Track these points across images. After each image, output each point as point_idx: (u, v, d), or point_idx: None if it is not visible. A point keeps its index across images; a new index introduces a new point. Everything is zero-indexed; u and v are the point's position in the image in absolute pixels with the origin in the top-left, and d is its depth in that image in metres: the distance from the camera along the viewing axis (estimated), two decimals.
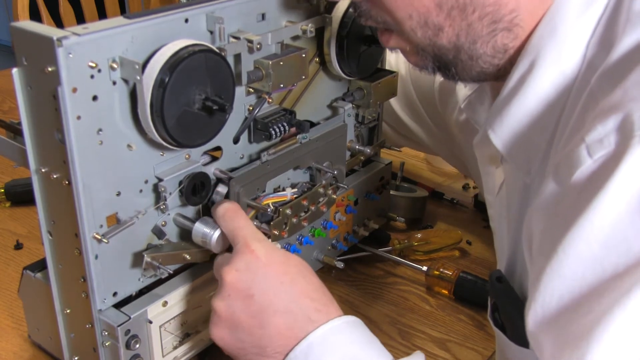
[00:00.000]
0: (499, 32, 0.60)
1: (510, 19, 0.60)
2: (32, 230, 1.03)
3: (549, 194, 0.52)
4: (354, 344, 0.61)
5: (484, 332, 0.85)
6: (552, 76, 0.58)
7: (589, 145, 0.49)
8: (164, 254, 0.68)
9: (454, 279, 0.90)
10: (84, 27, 0.58)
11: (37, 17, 1.88)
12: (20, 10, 1.82)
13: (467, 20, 0.60)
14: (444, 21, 0.60)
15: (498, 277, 0.68)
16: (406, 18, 0.61)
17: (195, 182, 0.69)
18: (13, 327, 0.84)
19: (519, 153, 0.62)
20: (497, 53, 0.62)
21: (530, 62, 0.59)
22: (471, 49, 0.61)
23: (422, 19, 0.60)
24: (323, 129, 0.83)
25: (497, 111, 0.62)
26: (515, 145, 0.62)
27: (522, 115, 0.60)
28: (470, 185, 1.19)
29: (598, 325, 0.44)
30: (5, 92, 1.51)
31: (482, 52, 0.62)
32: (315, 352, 0.60)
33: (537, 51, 0.58)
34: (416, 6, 0.60)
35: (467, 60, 0.62)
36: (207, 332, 0.76)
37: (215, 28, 0.67)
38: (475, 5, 0.59)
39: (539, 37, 0.59)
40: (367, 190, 0.95)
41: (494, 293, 0.69)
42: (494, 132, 0.63)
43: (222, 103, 0.64)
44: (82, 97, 0.58)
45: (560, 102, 0.58)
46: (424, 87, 1.00)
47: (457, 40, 0.61)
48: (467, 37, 0.61)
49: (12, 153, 0.67)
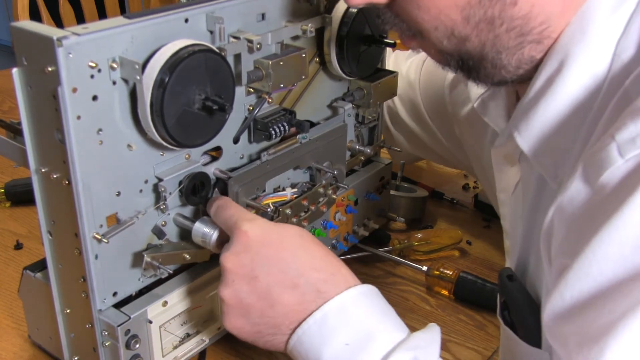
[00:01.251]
0: (527, 45, 0.59)
1: (539, 31, 0.58)
2: (32, 230, 1.03)
3: (575, 193, 0.51)
4: (369, 316, 0.60)
5: (484, 332, 0.85)
6: (582, 77, 0.57)
7: (620, 144, 0.48)
8: (164, 254, 0.68)
9: (454, 279, 0.90)
10: (84, 27, 0.58)
11: (37, 17, 1.87)
12: (20, 10, 1.82)
13: (495, 32, 0.58)
14: (470, 32, 0.59)
15: (509, 275, 0.68)
16: (432, 29, 0.60)
17: (195, 182, 0.69)
18: (13, 327, 0.84)
19: (546, 156, 0.61)
20: (523, 64, 0.61)
21: (559, 63, 0.58)
22: (495, 58, 0.60)
23: (449, 30, 0.59)
24: (323, 129, 0.83)
25: (523, 112, 0.61)
26: (542, 148, 0.61)
27: (550, 117, 0.59)
28: (470, 185, 1.19)
29: (620, 322, 0.45)
30: (5, 92, 1.51)
31: (507, 62, 0.60)
32: (330, 323, 0.59)
33: (566, 51, 0.57)
34: (443, 19, 0.59)
35: (490, 69, 0.61)
36: (207, 332, 0.76)
37: (215, 28, 0.67)
38: (503, 19, 0.58)
39: (569, 37, 0.57)
40: (367, 190, 0.95)
41: (505, 291, 0.68)
42: (519, 134, 0.62)
43: (222, 103, 0.64)
44: (82, 97, 0.58)
45: (590, 104, 0.57)
46: (431, 94, 1.00)
47: (483, 49, 0.60)
48: (493, 47, 0.60)
49: (12, 153, 0.67)
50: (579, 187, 0.51)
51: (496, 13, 0.57)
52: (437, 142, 1.04)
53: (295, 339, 0.60)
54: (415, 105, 1.03)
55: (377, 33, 0.84)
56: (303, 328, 0.60)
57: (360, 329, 0.59)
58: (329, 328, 0.59)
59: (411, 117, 1.05)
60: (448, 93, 0.97)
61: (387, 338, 0.59)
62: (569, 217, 0.52)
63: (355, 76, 0.87)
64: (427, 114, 1.03)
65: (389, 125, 1.09)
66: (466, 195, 1.16)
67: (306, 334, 0.59)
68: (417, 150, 1.09)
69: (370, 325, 0.59)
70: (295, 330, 0.60)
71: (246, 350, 0.81)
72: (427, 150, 1.08)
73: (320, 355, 0.58)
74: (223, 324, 0.64)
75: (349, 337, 0.58)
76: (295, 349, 0.60)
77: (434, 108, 1.01)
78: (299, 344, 0.60)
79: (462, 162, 1.03)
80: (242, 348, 0.81)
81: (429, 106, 1.02)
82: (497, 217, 1.09)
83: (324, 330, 0.59)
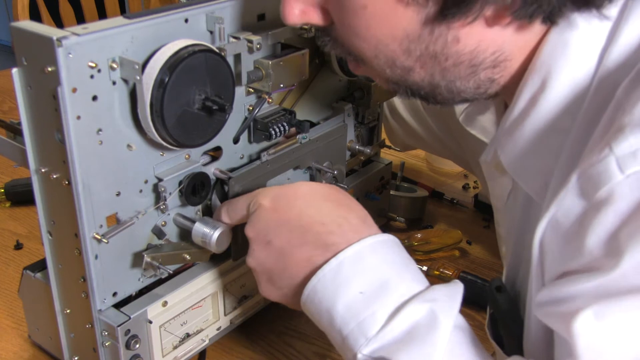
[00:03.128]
0: (481, 71, 0.57)
1: (493, 59, 0.56)
2: (32, 230, 1.03)
3: (572, 206, 0.49)
4: (387, 265, 0.59)
5: (484, 332, 0.85)
6: (567, 91, 0.54)
7: (619, 158, 0.46)
8: (164, 254, 0.68)
9: (454, 279, 0.90)
10: (84, 27, 0.58)
11: (37, 17, 1.87)
12: (20, 10, 1.82)
13: (441, 65, 0.56)
14: (413, 64, 0.57)
15: (498, 287, 0.67)
16: (372, 57, 0.58)
17: (195, 182, 0.69)
18: (13, 327, 0.84)
19: (529, 175, 0.59)
20: (482, 85, 0.58)
21: (541, 80, 0.55)
22: (450, 86, 0.58)
23: (390, 60, 0.57)
24: (323, 129, 0.83)
25: (508, 132, 0.59)
26: (525, 167, 0.59)
27: (533, 136, 0.57)
28: (470, 185, 1.19)
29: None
30: (5, 92, 1.51)
31: (464, 88, 0.58)
32: (345, 271, 0.59)
33: (548, 67, 0.55)
34: (382, 49, 0.57)
35: (446, 94, 0.59)
36: (207, 332, 0.76)
37: (215, 28, 0.66)
38: (447, 55, 0.55)
39: (550, 53, 0.55)
40: (367, 190, 0.94)
41: (492, 303, 0.67)
42: (503, 153, 0.60)
43: (222, 103, 0.64)
44: (81, 97, 0.58)
45: (572, 120, 0.54)
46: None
47: (432, 79, 0.58)
48: (444, 78, 0.57)
49: (12, 153, 0.67)
50: (575, 202, 0.49)
51: (438, 49, 0.55)
52: (434, 137, 1.04)
53: (309, 289, 0.60)
54: (413, 102, 1.03)
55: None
56: (318, 276, 0.59)
57: (376, 277, 0.58)
58: (343, 276, 0.59)
59: (409, 111, 1.05)
60: None
61: (404, 288, 0.58)
62: (565, 230, 0.50)
63: (355, 76, 0.87)
64: (423, 109, 1.02)
65: (387, 115, 1.09)
66: (466, 195, 1.16)
67: (321, 282, 0.59)
68: (415, 142, 1.09)
69: (387, 275, 0.59)
70: (310, 280, 0.60)
71: (246, 350, 0.81)
72: (423, 143, 1.08)
73: (334, 303, 0.58)
74: (260, 293, 0.66)
75: (364, 285, 0.58)
76: (309, 299, 0.60)
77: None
78: (313, 293, 0.60)
79: (460, 157, 1.03)
80: (242, 348, 0.81)
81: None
82: None
83: (338, 278, 0.59)
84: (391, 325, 0.56)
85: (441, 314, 0.56)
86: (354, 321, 0.57)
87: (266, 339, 0.83)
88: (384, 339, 0.56)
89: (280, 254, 0.63)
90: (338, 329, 0.58)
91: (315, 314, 0.60)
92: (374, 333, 0.56)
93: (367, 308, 0.57)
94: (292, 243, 0.62)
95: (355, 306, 0.57)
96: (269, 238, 0.63)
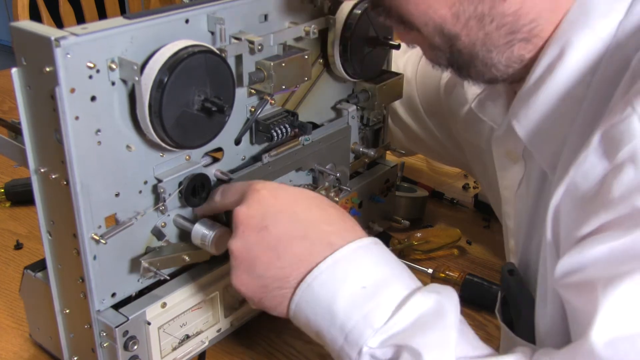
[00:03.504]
0: (516, 43, 0.60)
1: (529, 29, 0.59)
2: (32, 230, 1.03)
3: (590, 167, 0.50)
4: (384, 263, 0.59)
5: (484, 332, 0.85)
6: (583, 60, 0.57)
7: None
8: (162, 259, 0.68)
9: (460, 281, 0.90)
10: (83, 28, 0.58)
11: (37, 17, 1.88)
12: (20, 10, 1.82)
13: (484, 30, 0.59)
14: (460, 31, 0.59)
15: (510, 270, 0.68)
16: (422, 25, 0.61)
17: (195, 183, 0.69)
18: (13, 327, 0.84)
19: (544, 144, 0.61)
20: (512, 63, 0.61)
21: (560, 49, 0.58)
22: (486, 57, 0.61)
23: (438, 28, 0.60)
24: (326, 130, 0.82)
25: (522, 101, 0.61)
26: (541, 136, 0.61)
27: (549, 103, 0.59)
28: (470, 185, 1.19)
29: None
30: (5, 92, 1.52)
31: (497, 61, 0.61)
32: (343, 266, 0.58)
33: (568, 37, 0.57)
34: (432, 15, 0.59)
35: (480, 67, 0.62)
36: (206, 334, 0.76)
37: (216, 29, 0.66)
38: (493, 16, 0.58)
39: (570, 23, 0.57)
40: (371, 192, 0.94)
41: (505, 286, 0.68)
42: (518, 122, 0.62)
43: (221, 104, 0.63)
44: (80, 98, 0.58)
45: (587, 89, 0.57)
46: (428, 90, 1.00)
47: (473, 48, 0.60)
48: (483, 46, 0.60)
49: (12, 153, 0.67)
50: (595, 162, 0.50)
51: (486, 10, 0.58)
52: (434, 139, 1.04)
53: (303, 288, 0.58)
54: (412, 101, 1.03)
55: (381, 35, 0.83)
56: (314, 274, 0.58)
57: (376, 273, 0.58)
58: (342, 272, 0.58)
59: (408, 113, 1.04)
60: (444, 93, 0.96)
61: (404, 283, 0.58)
62: (584, 193, 0.51)
63: (360, 78, 0.86)
64: (423, 111, 1.02)
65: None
66: (466, 195, 1.15)
67: (317, 280, 0.58)
68: (414, 146, 1.09)
69: (386, 272, 0.58)
70: (304, 279, 0.58)
71: (246, 350, 0.81)
72: (424, 147, 1.08)
73: (334, 299, 0.57)
74: (231, 281, 0.63)
75: (365, 280, 0.57)
76: (304, 299, 0.58)
77: (430, 106, 1.01)
78: (309, 291, 0.58)
79: (459, 159, 1.02)
80: (243, 348, 0.81)
81: (425, 103, 1.01)
82: (497, 217, 1.08)
83: (337, 274, 0.58)
84: (399, 315, 0.55)
85: (447, 304, 0.56)
86: (358, 314, 0.56)
87: (266, 339, 0.83)
88: (392, 330, 0.55)
89: (276, 242, 0.60)
90: (339, 325, 0.56)
91: (310, 314, 0.58)
92: (381, 324, 0.55)
93: (371, 300, 0.56)
94: (293, 234, 0.60)
95: (358, 299, 0.56)
96: (266, 223, 0.60)
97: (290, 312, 0.60)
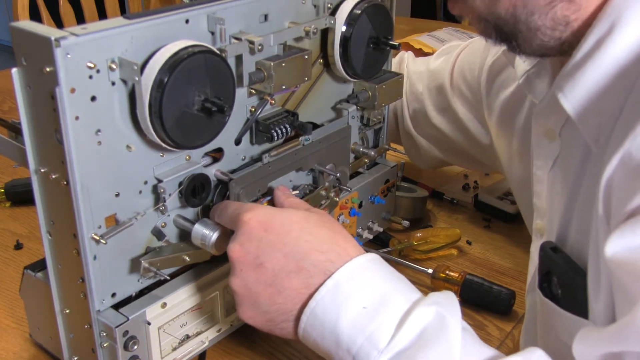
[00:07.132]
0: (558, 3, 0.60)
1: None
2: (32, 230, 1.03)
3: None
4: (381, 279, 0.60)
5: (484, 331, 0.85)
6: (634, 39, 0.57)
7: None
8: (162, 259, 0.67)
9: (460, 281, 0.90)
10: (83, 28, 0.58)
11: (37, 17, 1.88)
12: (20, 10, 1.82)
13: None
14: None
15: (553, 247, 0.69)
16: None
17: (195, 183, 0.69)
18: (13, 327, 0.84)
19: (590, 118, 0.62)
20: (558, 25, 0.61)
21: (609, 25, 0.58)
22: (529, 20, 0.61)
23: None
24: (326, 130, 0.82)
25: (569, 74, 0.62)
26: (587, 110, 0.62)
27: (597, 78, 0.60)
28: (470, 186, 1.19)
29: None
30: (5, 92, 1.52)
31: (541, 23, 0.61)
32: (343, 290, 0.58)
33: (619, 13, 0.58)
34: None
35: (526, 32, 0.62)
36: (207, 334, 0.76)
37: (217, 29, 0.66)
38: None
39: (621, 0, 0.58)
40: (372, 193, 0.94)
41: (550, 263, 0.68)
42: (564, 95, 0.63)
43: (221, 104, 0.63)
44: (80, 98, 0.58)
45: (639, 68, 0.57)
46: (468, 79, 1.00)
47: (515, 10, 0.61)
48: (524, 8, 0.61)
49: (13, 153, 0.67)
50: None
51: None
52: (468, 139, 1.02)
53: (307, 314, 0.59)
54: (448, 105, 1.02)
55: (381, 35, 0.83)
56: (316, 299, 0.59)
57: (375, 291, 0.58)
58: (342, 295, 0.58)
59: (444, 117, 1.03)
60: (486, 77, 0.95)
61: (404, 297, 0.58)
62: (638, 163, 0.52)
63: (360, 78, 0.86)
64: (455, 101, 1.01)
65: (412, 134, 1.08)
66: (466, 195, 1.15)
67: (319, 305, 0.59)
68: (448, 155, 1.08)
69: (384, 287, 0.59)
70: (308, 304, 0.59)
71: (246, 351, 0.81)
72: (459, 152, 1.07)
73: (338, 322, 0.57)
74: (238, 315, 0.64)
75: (365, 300, 0.58)
76: (309, 324, 0.59)
77: (467, 91, 1.00)
78: (313, 317, 0.59)
79: (489, 155, 1.01)
80: (243, 348, 0.81)
81: (458, 91, 1.01)
82: (497, 217, 1.08)
83: (338, 297, 0.58)
84: (401, 333, 0.56)
85: (448, 315, 0.56)
86: (362, 336, 0.57)
87: (266, 339, 0.82)
88: (396, 348, 0.55)
89: (274, 279, 0.61)
90: (346, 348, 0.57)
91: (318, 338, 0.59)
92: (385, 344, 0.56)
93: (373, 321, 0.57)
94: (288, 269, 0.61)
95: (360, 321, 0.57)
96: (261, 260, 0.62)
97: (300, 338, 0.61)
